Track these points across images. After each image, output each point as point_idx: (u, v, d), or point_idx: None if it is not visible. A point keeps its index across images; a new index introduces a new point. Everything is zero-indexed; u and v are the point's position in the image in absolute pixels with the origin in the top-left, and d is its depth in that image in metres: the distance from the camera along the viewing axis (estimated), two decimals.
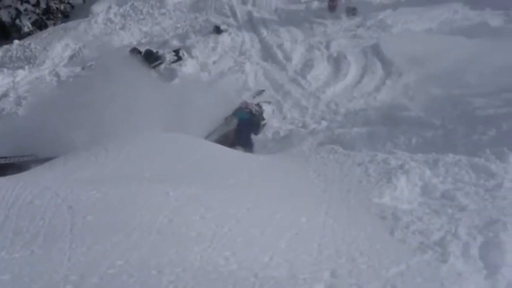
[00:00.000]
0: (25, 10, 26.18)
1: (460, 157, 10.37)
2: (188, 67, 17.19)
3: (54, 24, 25.08)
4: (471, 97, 14.06)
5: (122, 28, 21.01)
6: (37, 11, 26.46)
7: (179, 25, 20.48)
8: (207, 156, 9.81)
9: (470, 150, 11.12)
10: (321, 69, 16.77)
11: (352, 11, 19.50)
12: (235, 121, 13.31)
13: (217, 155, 10.13)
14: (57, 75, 18.99)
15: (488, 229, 7.29)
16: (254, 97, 15.08)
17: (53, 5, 26.61)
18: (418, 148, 11.56)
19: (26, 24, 25.87)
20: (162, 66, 17.14)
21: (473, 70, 15.46)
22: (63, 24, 23.98)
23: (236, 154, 11.37)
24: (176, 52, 17.63)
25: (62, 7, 26.59)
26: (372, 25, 18.94)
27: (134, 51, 17.57)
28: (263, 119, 13.86)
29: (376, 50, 17.20)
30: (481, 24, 18.82)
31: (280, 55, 17.56)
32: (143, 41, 19.90)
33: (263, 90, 15.68)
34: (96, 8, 23.44)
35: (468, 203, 8.52)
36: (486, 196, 8.90)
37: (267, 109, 14.20)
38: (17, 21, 25.96)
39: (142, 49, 17.75)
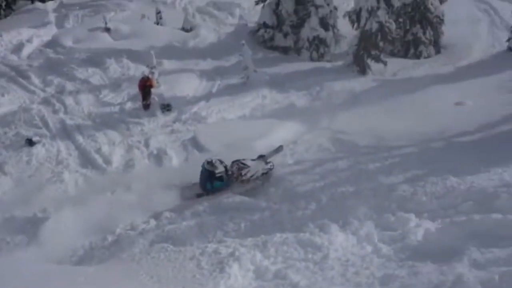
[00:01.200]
0: None
1: (287, 235, 10.69)
2: (2, 185, 16.18)
3: None
4: (290, 175, 14.74)
5: None
6: None
7: None
8: (27, 281, 9.13)
9: (295, 226, 11.51)
10: (143, 168, 16.61)
11: (166, 108, 19.75)
12: None
13: (33, 276, 9.45)
14: None
15: None
16: (271, 154, 15.19)
17: None
18: (247, 232, 11.74)
19: None
20: None
21: (287, 148, 16.29)
22: None
23: (64, 270, 10.77)
24: None
25: None
26: (187, 119, 19.28)
27: None
28: (241, 175, 14.45)
29: (194, 142, 17.49)
30: (289, 105, 20.07)
31: (99, 159, 17.14)
32: None
33: (281, 146, 15.53)
34: None
35: (299, 279, 8.73)
36: (315, 269, 9.20)
37: (252, 168, 14.56)
38: None
39: None
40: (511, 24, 23.88)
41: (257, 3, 25.83)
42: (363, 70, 22.11)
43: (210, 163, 14.48)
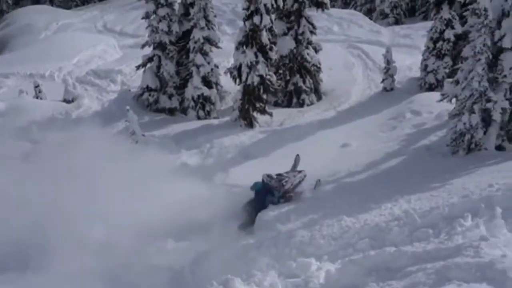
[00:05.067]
0: None
1: None
2: None
3: None
4: None
5: None
6: None
7: None
8: None
9: (199, 285, 11.37)
10: None
11: None
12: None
13: None
14: None
15: None
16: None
17: None
18: None
19: None
20: None
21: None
22: None
23: None
24: None
25: None
26: None
27: None
28: (283, 186, 15.48)
29: None
30: (181, 165, 19.97)
31: None
32: None
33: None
34: None
35: None
36: None
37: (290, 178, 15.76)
38: None
39: None
40: (383, 66, 25.24)
41: (138, 68, 25.82)
42: (250, 123, 22.50)
43: (270, 176, 15.55)
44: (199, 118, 24.25)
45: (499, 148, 16.63)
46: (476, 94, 16.01)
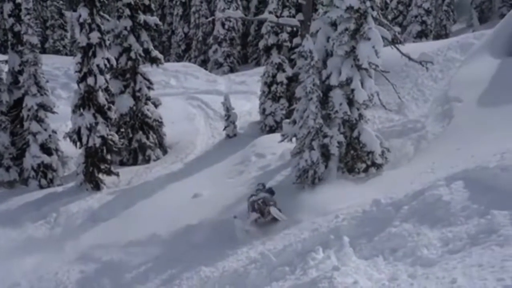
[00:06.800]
0: None
1: None
2: None
3: None
4: None
5: None
6: None
7: None
8: None
9: None
10: None
11: None
12: None
13: None
14: None
15: None
16: None
17: None
18: None
19: None
20: None
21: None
22: None
23: None
24: None
25: None
26: None
27: None
28: None
29: None
30: (27, 240, 18.84)
31: None
32: None
33: None
34: None
35: None
36: None
37: None
38: None
39: None
40: (223, 114, 25.78)
41: None
42: (96, 186, 21.87)
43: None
44: (41, 187, 23.21)
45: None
46: (313, 131, 16.78)
